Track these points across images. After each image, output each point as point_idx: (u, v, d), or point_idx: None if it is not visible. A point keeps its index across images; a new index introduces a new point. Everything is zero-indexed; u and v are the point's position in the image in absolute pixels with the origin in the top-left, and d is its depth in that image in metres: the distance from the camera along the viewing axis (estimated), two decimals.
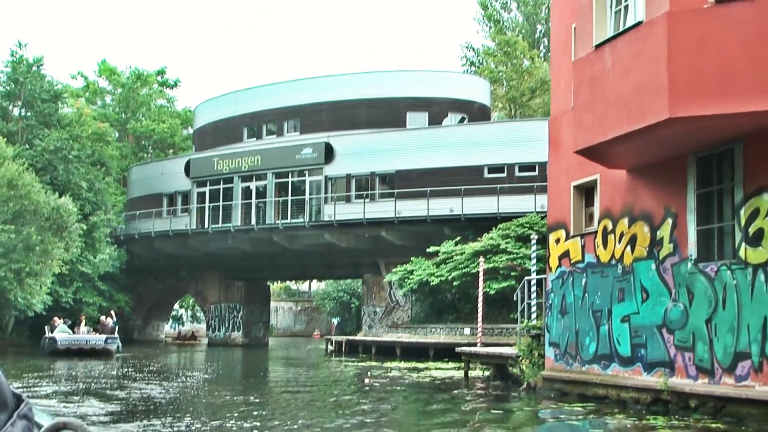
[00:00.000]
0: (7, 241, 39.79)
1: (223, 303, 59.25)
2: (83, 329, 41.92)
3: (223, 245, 53.21)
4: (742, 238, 14.91)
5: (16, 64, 51.51)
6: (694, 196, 16.13)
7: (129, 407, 18.34)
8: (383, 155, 48.20)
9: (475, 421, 16.79)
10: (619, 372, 18.00)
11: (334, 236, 49.06)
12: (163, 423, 15.31)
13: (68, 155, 49.83)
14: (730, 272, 15.15)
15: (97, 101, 74.78)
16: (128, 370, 30.23)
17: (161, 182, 56.73)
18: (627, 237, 17.93)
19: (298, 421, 16.00)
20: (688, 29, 13.98)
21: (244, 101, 56.50)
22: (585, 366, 19.20)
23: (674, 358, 16.43)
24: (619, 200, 18.25)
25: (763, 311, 14.44)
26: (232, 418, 16.16)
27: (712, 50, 13.79)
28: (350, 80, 53.68)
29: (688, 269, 16.15)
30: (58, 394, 20.87)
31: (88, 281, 51.55)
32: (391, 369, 31.22)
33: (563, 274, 20.36)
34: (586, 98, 16.54)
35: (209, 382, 27.21)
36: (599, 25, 16.38)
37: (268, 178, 51.98)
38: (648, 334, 17.16)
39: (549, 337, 20.87)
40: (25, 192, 39.90)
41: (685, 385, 15.80)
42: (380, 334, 48.85)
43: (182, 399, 20.91)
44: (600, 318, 18.73)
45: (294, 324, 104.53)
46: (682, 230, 16.36)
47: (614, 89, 15.51)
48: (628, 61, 15.12)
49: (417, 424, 17.12)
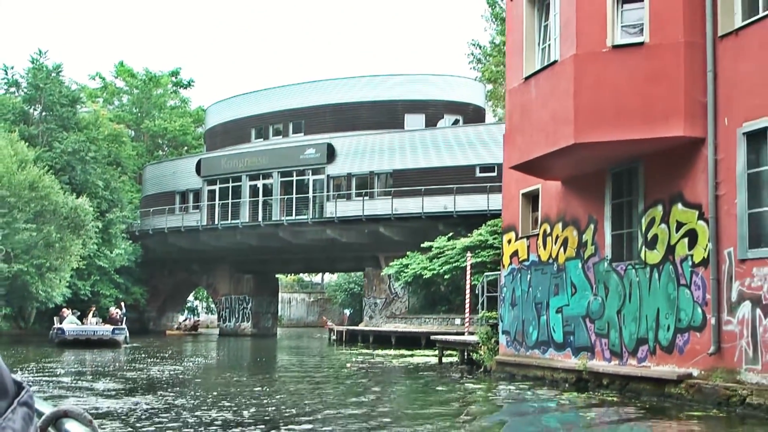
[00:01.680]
0: (29, 239, 43.04)
1: (233, 295, 62.29)
2: (92, 320, 42.65)
3: (233, 240, 56.09)
4: (643, 242, 17.76)
5: (37, 71, 54.67)
6: (609, 205, 18.97)
7: (134, 385, 21.27)
8: (381, 155, 51.01)
9: (426, 395, 19.67)
10: (554, 356, 20.87)
11: (336, 232, 51.90)
12: (167, 396, 18.24)
13: (85, 156, 53.02)
14: (634, 271, 18.01)
15: (114, 101, 77.90)
16: (134, 357, 33.08)
17: (174, 180, 59.79)
18: (561, 239, 20.78)
19: (272, 387, 18.91)
20: (590, 70, 16.82)
21: (252, 103, 59.49)
22: (529, 351, 22.07)
23: (594, 344, 19.30)
24: (555, 207, 21.08)
25: (656, 304, 17.29)
26: (229, 393, 19.10)
27: (608, 87, 16.62)
28: (351, 84, 56.41)
29: (604, 268, 19.01)
30: (62, 378, 23.84)
31: (105, 274, 54.75)
32: (376, 356, 34.11)
33: (513, 270, 23.23)
34: (517, 122, 19.41)
35: (214, 366, 30.18)
36: (528, 59, 19.24)
37: (274, 176, 54.85)
38: (575, 323, 20.03)
39: (502, 326, 23.76)
40: (45, 193, 43.12)
41: (599, 366, 18.67)
42: (380, 324, 51.74)
43: (188, 379, 23.85)
44: (540, 309, 21.60)
45: (307, 315, 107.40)
46: (601, 234, 19.21)
47: (537, 116, 18.36)
48: (547, 93, 17.97)
49: (378, 398, 20.01)
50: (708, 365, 15.75)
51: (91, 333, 40.20)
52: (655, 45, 16.36)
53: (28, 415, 1.26)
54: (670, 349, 16.85)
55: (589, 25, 16.97)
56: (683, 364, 16.39)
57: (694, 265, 16.30)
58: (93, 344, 38.88)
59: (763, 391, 14.21)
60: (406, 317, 50.53)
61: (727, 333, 15.36)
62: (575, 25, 17.15)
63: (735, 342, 15.16)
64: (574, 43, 17.11)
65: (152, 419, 14.44)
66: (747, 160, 15.11)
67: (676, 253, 16.80)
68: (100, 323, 42.48)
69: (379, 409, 16.52)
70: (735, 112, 15.39)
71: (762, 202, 14.82)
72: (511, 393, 19.36)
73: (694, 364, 16.12)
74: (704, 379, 15.68)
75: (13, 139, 45.06)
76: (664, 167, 17.14)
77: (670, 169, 16.96)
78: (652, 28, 16.43)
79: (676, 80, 16.12)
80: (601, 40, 16.83)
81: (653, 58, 16.36)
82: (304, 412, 15.78)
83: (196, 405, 16.70)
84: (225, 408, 16.17)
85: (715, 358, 15.58)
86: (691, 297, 16.32)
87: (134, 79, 75.84)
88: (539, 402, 17.95)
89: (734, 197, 15.28)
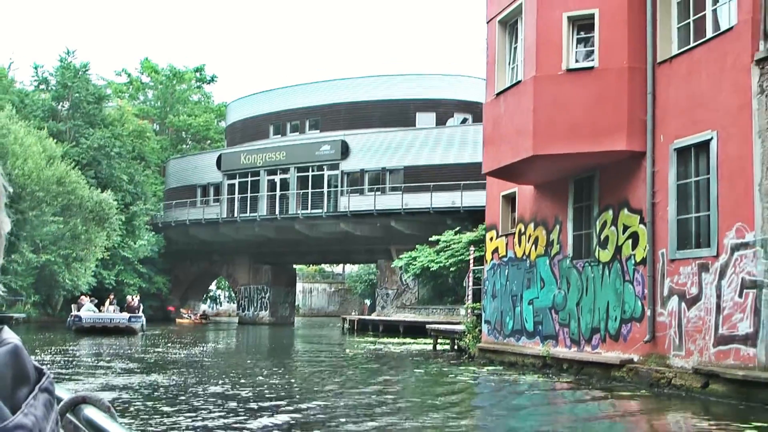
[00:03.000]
0: (57, 231, 45.76)
1: (252, 285, 64.83)
2: (109, 308, 43.07)
3: (251, 232, 58.54)
4: (597, 243, 19.96)
5: (65, 70, 57.35)
6: (572, 209, 21.17)
7: (150, 366, 23.66)
8: (393, 152, 53.26)
9: (410, 376, 21.95)
10: (525, 343, 23.10)
11: (350, 225, 54.22)
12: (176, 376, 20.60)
13: (111, 152, 55.70)
14: (590, 267, 20.22)
15: (139, 96, 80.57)
16: (151, 343, 35.47)
17: (195, 174, 62.32)
18: (533, 238, 22.98)
19: (274, 365, 21.26)
20: (547, 89, 19.02)
21: (271, 101, 61.91)
22: (506, 339, 24.31)
23: (558, 332, 21.53)
24: (529, 209, 23.28)
25: (607, 297, 19.50)
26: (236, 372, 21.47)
27: (563, 106, 18.81)
28: (365, 83, 58.66)
29: (567, 264, 21.22)
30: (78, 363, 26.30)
31: (129, 264, 57.43)
32: (381, 343, 36.45)
33: (494, 265, 25.47)
34: (490, 133, 21.65)
35: (231, 351, 32.60)
36: (500, 77, 21.46)
37: (290, 172, 57.24)
38: (544, 314, 22.25)
39: (484, 316, 26.02)
40: (71, 188, 45.77)
41: (560, 352, 20.91)
42: (390, 314, 54.11)
43: (203, 361, 26.25)
44: (516, 301, 23.82)
45: (328, 305, 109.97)
46: (564, 234, 21.41)
47: (506, 129, 20.58)
48: (513, 109, 20.18)
49: (364, 380, 22.32)
50: (645, 351, 17.96)
51: (108, 321, 40.69)
52: (604, 69, 18.54)
53: (49, 401, 1.23)
54: (616, 337, 19.07)
55: (547, 51, 19.16)
56: (627, 351, 18.61)
57: (636, 263, 18.50)
58: (110, 332, 39.53)
59: (684, 374, 16.40)
60: (415, 307, 52.86)
61: (660, 323, 17.57)
62: (535, 50, 19.36)
63: (665, 331, 17.37)
64: (534, 65, 19.32)
65: (166, 395, 16.79)
66: (677, 172, 17.27)
67: (623, 253, 19.01)
68: (117, 311, 42.98)
69: (362, 389, 18.82)
70: (668, 130, 17.56)
71: (688, 210, 16.98)
72: (482, 375, 21.61)
73: (634, 350, 18.33)
74: (642, 363, 17.90)
75: (42, 136, 47.69)
76: (614, 176, 19.32)
77: (619, 178, 19.15)
78: (601, 54, 18.61)
79: (621, 101, 18.30)
80: (558, 64, 19.02)
81: (601, 81, 18.54)
82: (301, 388, 18.09)
83: (208, 382, 19.04)
84: (232, 385, 18.51)
85: (650, 346, 17.78)
86: (634, 291, 18.53)
87: (158, 75, 78.41)
88: (506, 383, 20.17)
89: (666, 205, 17.47)
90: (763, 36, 15.06)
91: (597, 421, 14.98)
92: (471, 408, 16.52)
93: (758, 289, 14.78)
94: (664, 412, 15.25)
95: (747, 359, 14.98)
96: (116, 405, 14.37)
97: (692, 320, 16.55)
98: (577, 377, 19.73)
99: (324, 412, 14.48)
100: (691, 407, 15.15)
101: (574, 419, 15.03)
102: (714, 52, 16.41)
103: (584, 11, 18.87)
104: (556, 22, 19.10)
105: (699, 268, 16.45)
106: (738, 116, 15.48)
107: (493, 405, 16.55)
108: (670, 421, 14.46)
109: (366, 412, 14.50)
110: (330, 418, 13.82)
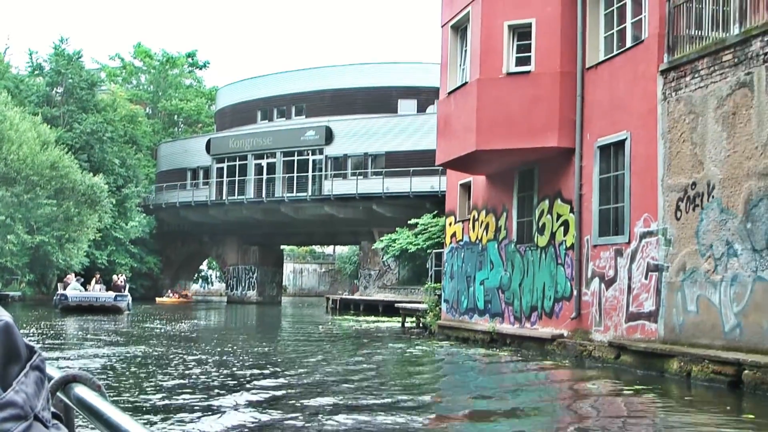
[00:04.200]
0: (50, 213, 47.91)
1: (240, 265, 66.98)
2: (95, 286, 43.36)
3: (239, 214, 60.55)
4: (536, 229, 22.06)
5: (59, 57, 59.32)
6: (516, 198, 23.25)
7: (135, 338, 25.76)
8: (375, 138, 55.23)
9: (369, 349, 24.07)
10: (477, 321, 25.23)
11: (333, 208, 56.25)
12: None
13: (103, 137, 57.78)
14: (530, 251, 22.34)
15: (132, 80, 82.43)
16: (137, 320, 37.51)
17: (185, 158, 64.30)
18: (484, 224, 25.07)
19: (244, 336, 23.37)
20: (489, 91, 21.08)
21: (259, 87, 63.85)
22: (461, 316, 26.44)
23: (504, 310, 23.66)
24: (481, 197, 25.36)
25: (543, 279, 21.64)
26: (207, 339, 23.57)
27: (503, 106, 20.88)
28: (349, 70, 60.64)
29: (512, 249, 23.33)
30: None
31: (121, 245, 59.54)
32: (357, 321, 38.61)
33: (453, 249, 27.58)
34: (443, 128, 23.72)
35: (213, 327, 34.70)
36: (451, 77, 23.51)
37: (277, 156, 59.21)
38: (492, 293, 24.37)
39: (444, 295, 28.15)
40: (64, 172, 47.89)
41: (504, 328, 23.05)
42: (372, 293, 56.24)
43: (187, 335, 28.34)
44: (470, 281, 25.93)
45: (318, 285, 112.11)
46: (510, 221, 23.51)
47: (455, 125, 22.64)
48: (461, 107, 22.24)
49: (330, 350, 24.44)
50: (572, 327, 20.11)
51: (94, 299, 40.98)
52: (539, 73, 20.60)
53: (40, 379, 1.24)
54: (550, 314, 21.21)
55: (490, 56, 21.21)
56: (558, 327, 20.75)
57: (566, 248, 20.62)
58: (96, 310, 39.85)
59: (602, 347, 18.55)
60: (395, 288, 54.97)
61: (584, 302, 19.71)
62: (479, 55, 21.41)
63: (588, 309, 19.52)
64: (479, 69, 21.37)
65: (148, 365, 18.90)
66: (600, 167, 19.37)
67: (556, 239, 21.13)
68: (103, 290, 43.18)
69: (328, 355, 20.96)
70: (593, 129, 19.65)
71: (608, 201, 19.09)
72: (435, 349, 23.75)
73: (565, 326, 20.48)
74: (569, 338, 20.05)
75: (37, 122, 49.75)
76: (550, 170, 21.41)
77: (554, 171, 21.24)
78: (537, 59, 20.67)
79: (553, 102, 20.38)
80: (499, 68, 21.08)
81: (537, 84, 20.61)
82: (272, 355, 20.21)
83: (190, 353, 21.15)
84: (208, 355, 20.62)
85: (576, 322, 19.93)
86: (564, 273, 20.66)
87: (151, 60, 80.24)
88: (455, 356, 22.32)
89: (591, 196, 19.57)
90: (667, 49, 17.12)
91: (532, 386, 17.11)
92: (418, 379, 18.63)
93: (659, 272, 16.91)
94: (583, 380, 17.39)
95: (650, 333, 17.12)
96: (99, 372, 16.42)
97: (609, 299, 18.70)
98: (517, 350, 21.85)
99: (285, 387, 16.57)
100: (604, 375, 17.28)
101: (515, 386, 17.10)
102: (630, 61, 18.48)
103: (523, 21, 20.91)
104: (497, 30, 21.14)
105: (615, 253, 18.59)
106: (646, 119, 17.57)
107: (441, 377, 18.68)
108: (586, 385, 16.60)
109: (321, 386, 16.61)
110: (291, 394, 15.92)
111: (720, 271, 15.13)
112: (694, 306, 15.83)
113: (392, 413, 12.22)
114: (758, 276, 14.21)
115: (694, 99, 16.08)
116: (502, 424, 12.14)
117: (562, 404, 14.34)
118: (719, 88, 15.37)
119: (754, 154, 14.45)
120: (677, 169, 16.49)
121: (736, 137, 14.85)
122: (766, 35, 14.32)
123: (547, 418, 12.92)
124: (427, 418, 12.57)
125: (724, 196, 15.11)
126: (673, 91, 16.73)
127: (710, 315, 15.35)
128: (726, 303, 14.93)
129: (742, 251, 14.61)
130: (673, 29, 17.08)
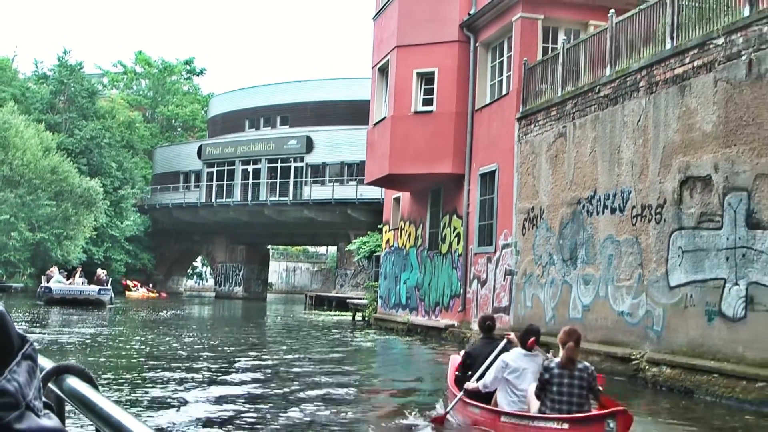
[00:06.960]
0: (50, 213, 52.96)
1: (228, 263, 71.81)
2: (78, 280, 43.38)
3: (227, 216, 65.27)
4: (440, 239, 26.88)
5: (62, 68, 64.34)
6: (429, 212, 28.08)
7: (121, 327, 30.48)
8: (351, 148, 59.90)
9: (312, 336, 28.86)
10: (401, 314, 30.03)
11: (313, 212, 60.96)
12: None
13: (101, 142, 62.75)
14: (437, 257, 27.16)
15: (133, 86, 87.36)
16: (122, 312, 42.16)
17: (179, 162, 69.14)
18: (407, 233, 29.89)
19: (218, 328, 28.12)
20: (400, 126, 25.91)
21: (247, 98, 68.65)
22: (390, 310, 31.25)
23: (418, 305, 28.48)
24: (407, 210, 30.17)
25: (444, 279, 26.45)
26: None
27: (411, 138, 25.70)
28: (330, 84, 65.32)
29: (425, 254, 28.15)
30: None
31: (117, 242, 64.42)
32: (321, 315, 43.43)
33: (387, 253, 32.40)
34: (370, 153, 28.59)
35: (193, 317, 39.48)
36: (377, 111, 28.33)
37: (262, 162, 63.98)
38: (411, 291, 29.19)
39: (379, 292, 32.97)
40: (64, 176, 52.90)
41: (416, 320, 27.88)
42: (346, 291, 60.99)
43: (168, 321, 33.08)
44: (397, 281, 30.74)
45: (311, 283, 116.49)
46: (424, 231, 28.33)
47: (377, 152, 27.47)
48: (381, 137, 27.08)
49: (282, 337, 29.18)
50: (460, 319, 24.93)
51: (78, 293, 41.14)
52: (439, 113, 25.43)
53: (32, 368, 1.23)
54: (448, 308, 26.03)
55: (402, 97, 26.05)
56: (452, 318, 25.56)
57: (458, 255, 25.43)
58: (79, 303, 40.02)
59: (476, 334, 23.33)
60: (367, 286, 59.74)
61: (468, 299, 24.55)
62: (394, 96, 26.24)
63: (470, 304, 24.32)
64: (393, 107, 26.21)
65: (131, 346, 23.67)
66: (480, 191, 24.19)
67: (452, 247, 25.95)
68: (85, 283, 43.34)
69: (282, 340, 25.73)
70: (478, 159, 24.46)
71: (485, 218, 23.89)
72: (363, 336, 28.55)
73: (455, 318, 25.29)
74: (457, 328, 24.85)
75: (39, 129, 54.74)
76: (450, 190, 26.24)
77: (453, 192, 26.06)
78: (438, 101, 25.50)
79: (449, 136, 25.19)
80: (408, 107, 25.92)
81: (437, 121, 25.43)
82: (236, 342, 24.99)
83: (171, 335, 25.91)
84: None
85: (462, 314, 24.75)
86: (456, 275, 25.46)
87: (151, 67, 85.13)
88: (375, 342, 27.11)
89: (474, 214, 24.39)
90: (522, 101, 21.93)
91: (428, 363, 21.88)
92: (336, 356, 23.42)
93: (512, 275, 21.72)
94: None
95: (505, 323, 21.90)
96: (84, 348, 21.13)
97: (482, 297, 23.53)
98: (424, 338, 26.65)
99: (228, 370, 21.36)
100: None
101: (421, 363, 21.81)
102: (500, 107, 23.30)
103: (428, 69, 25.74)
104: (408, 76, 25.97)
105: (487, 260, 23.42)
106: (508, 155, 22.38)
107: (364, 356, 23.48)
108: None
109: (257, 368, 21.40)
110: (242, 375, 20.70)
111: (545, 275, 19.95)
112: (530, 302, 20.66)
113: (307, 377, 17.00)
114: (564, 280, 19.02)
115: (535, 142, 20.90)
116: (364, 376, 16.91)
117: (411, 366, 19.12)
118: (548, 136, 20.19)
119: (566, 188, 19.27)
120: (524, 195, 21.31)
121: (557, 174, 19.68)
122: (575, 98, 19.14)
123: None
124: (336, 382, 17.34)
125: (549, 218, 19.92)
126: (524, 134, 21.55)
127: (539, 309, 20.18)
128: (547, 300, 19.75)
129: (557, 261, 19.42)
130: (527, 86, 21.88)
